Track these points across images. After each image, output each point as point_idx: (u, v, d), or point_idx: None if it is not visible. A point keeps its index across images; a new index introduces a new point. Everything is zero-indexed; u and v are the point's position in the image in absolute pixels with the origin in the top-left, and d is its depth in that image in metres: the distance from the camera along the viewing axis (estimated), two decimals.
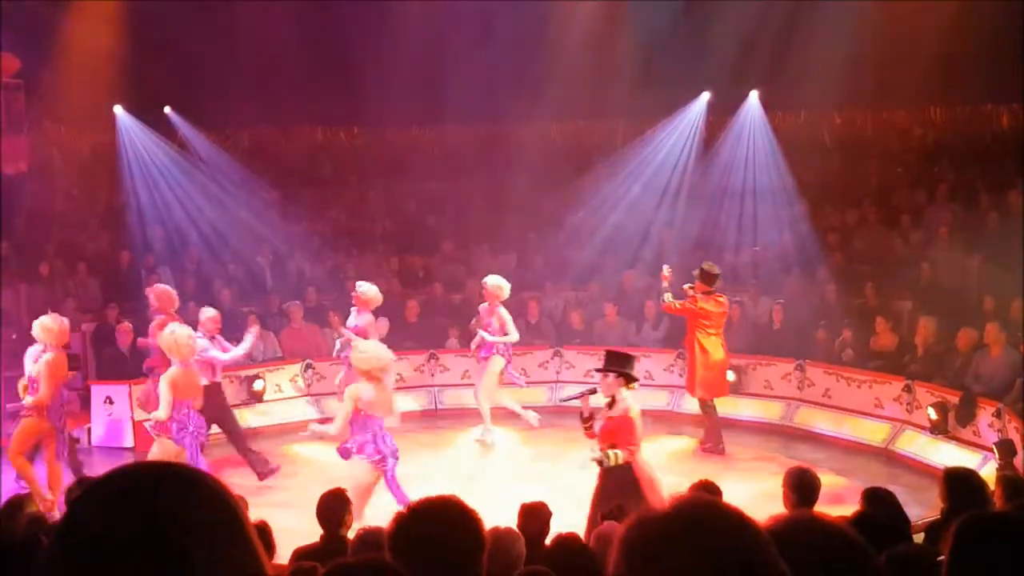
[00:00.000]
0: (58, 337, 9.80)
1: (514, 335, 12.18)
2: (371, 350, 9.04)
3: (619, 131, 17.98)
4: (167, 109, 17.18)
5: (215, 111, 16.86)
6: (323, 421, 10.54)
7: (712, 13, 15.79)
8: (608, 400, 8.25)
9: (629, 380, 8.16)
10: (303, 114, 18.04)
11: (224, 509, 1.47)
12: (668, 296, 12.22)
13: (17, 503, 6.16)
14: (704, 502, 1.57)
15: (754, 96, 16.74)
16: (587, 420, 8.33)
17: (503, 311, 12.13)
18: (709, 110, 17.02)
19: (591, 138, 18.00)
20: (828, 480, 8.54)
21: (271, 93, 16.57)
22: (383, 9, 15.90)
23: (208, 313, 11.40)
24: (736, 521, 1.53)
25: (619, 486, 7.76)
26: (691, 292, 12.13)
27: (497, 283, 12.04)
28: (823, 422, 12.80)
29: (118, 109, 16.67)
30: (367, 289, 12.23)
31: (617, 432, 8.02)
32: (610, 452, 7.97)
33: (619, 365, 8.21)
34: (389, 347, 14.29)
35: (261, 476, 10.96)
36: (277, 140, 18.84)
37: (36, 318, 11.05)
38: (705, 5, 15.94)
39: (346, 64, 16.48)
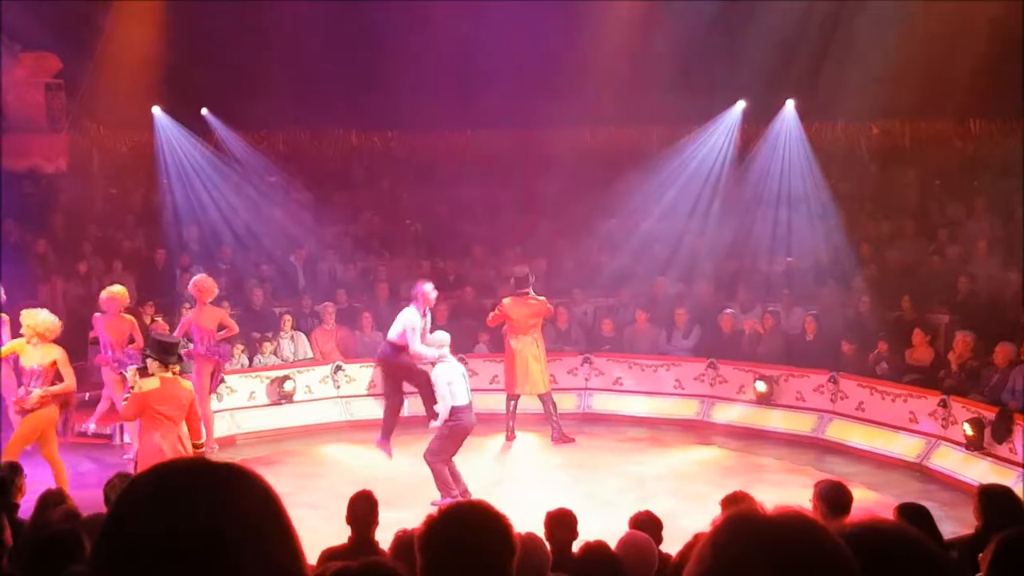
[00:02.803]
0: (54, 332, 9.91)
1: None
2: None
3: (653, 137, 17.92)
4: (204, 111, 17.33)
5: (251, 113, 16.99)
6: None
7: (749, 20, 15.71)
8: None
9: (166, 364, 8.62)
10: (337, 117, 18.13)
11: (268, 506, 1.48)
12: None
13: (51, 498, 6.22)
14: (802, 519, 1.55)
15: (790, 105, 16.64)
16: None
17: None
18: (744, 118, 16.93)
19: (624, 144, 17.94)
20: (860, 495, 8.45)
21: (306, 96, 16.67)
22: (417, 13, 15.95)
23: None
24: (831, 544, 1.52)
25: None
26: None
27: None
28: (856, 436, 12.66)
29: (156, 110, 16.84)
30: (202, 280, 12.18)
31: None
32: None
33: (161, 352, 8.70)
34: None
35: None
36: (311, 143, 18.94)
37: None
38: (741, 11, 15.84)
39: (381, 68, 16.55)
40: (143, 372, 8.88)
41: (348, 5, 16.39)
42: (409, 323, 11.12)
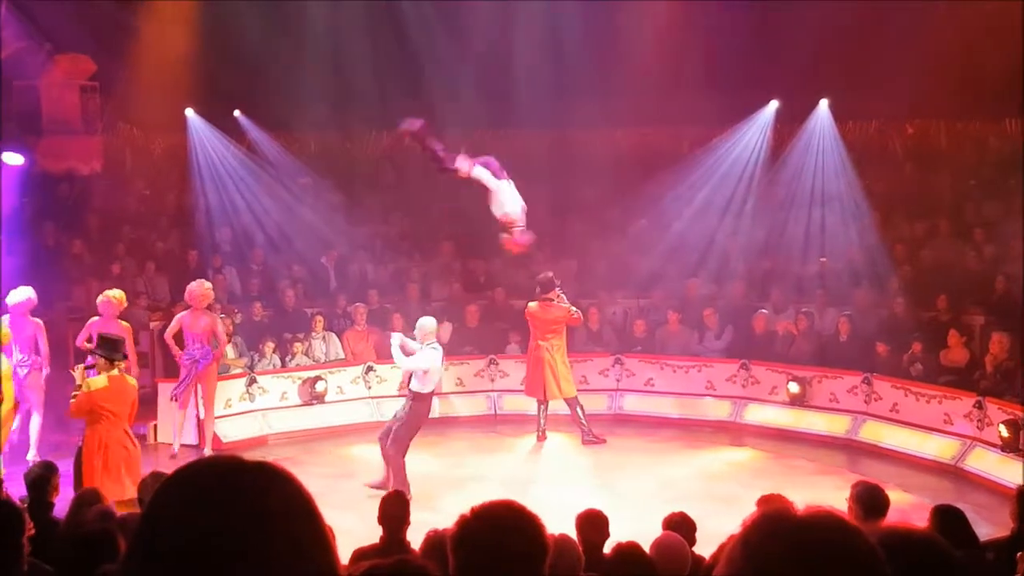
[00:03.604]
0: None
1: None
2: None
3: (685, 138, 17.83)
4: (237, 112, 17.45)
5: (283, 115, 17.07)
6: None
7: (782, 19, 15.58)
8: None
9: (112, 361, 9.05)
10: (369, 119, 18.17)
11: (302, 506, 1.48)
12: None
13: (87, 497, 6.28)
14: (835, 519, 1.54)
15: (824, 105, 16.51)
16: None
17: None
18: (777, 118, 16.82)
19: (657, 144, 17.86)
20: (895, 497, 8.33)
21: (339, 98, 16.71)
22: (451, 14, 15.97)
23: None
24: (863, 545, 1.51)
25: None
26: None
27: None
28: (890, 437, 12.54)
29: (189, 112, 16.96)
30: (195, 287, 12.22)
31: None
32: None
33: (110, 351, 9.12)
34: (449, 351, 14.45)
35: None
36: (343, 144, 19.00)
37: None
38: (775, 11, 15.73)
39: (413, 69, 16.57)
40: (90, 369, 9.15)
41: (382, 7, 16.44)
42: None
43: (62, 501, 6.74)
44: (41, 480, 6.61)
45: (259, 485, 1.47)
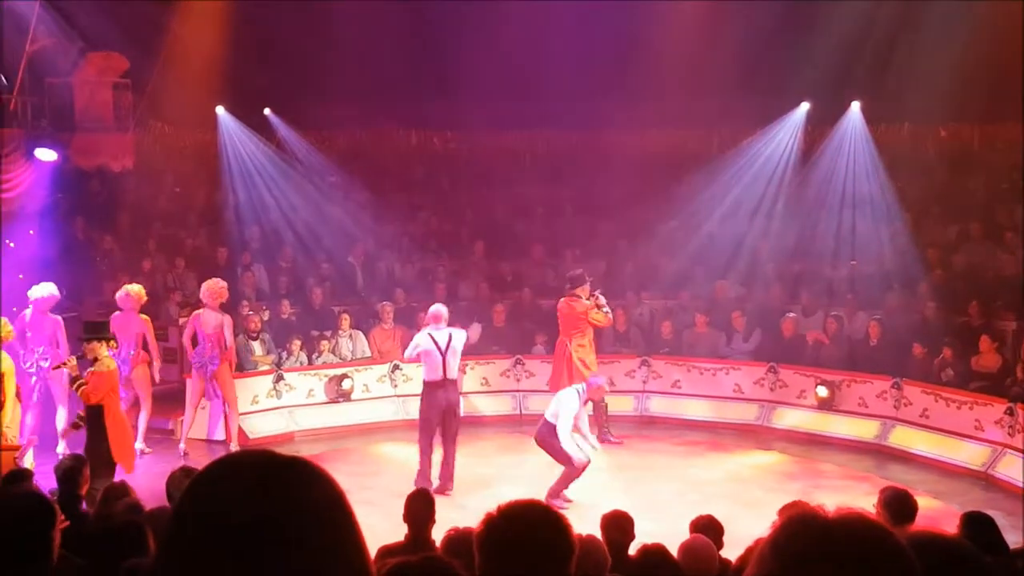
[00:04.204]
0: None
1: None
2: None
3: (715, 139, 17.75)
4: (267, 111, 17.54)
5: (313, 114, 17.14)
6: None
7: (814, 20, 15.48)
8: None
9: (108, 340, 9.44)
10: (398, 117, 18.22)
11: (335, 502, 1.48)
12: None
13: (115, 491, 6.32)
14: (865, 521, 1.53)
15: (855, 107, 16.39)
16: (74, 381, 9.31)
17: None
18: (808, 120, 16.71)
19: (687, 145, 17.79)
20: (924, 503, 8.26)
21: (367, 97, 16.77)
22: (480, 13, 15.96)
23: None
24: (894, 547, 1.50)
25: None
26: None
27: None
28: (920, 443, 12.42)
29: (220, 110, 17.07)
30: (211, 284, 12.29)
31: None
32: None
33: (98, 332, 9.44)
34: (477, 351, 14.46)
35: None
36: (372, 143, 19.06)
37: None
38: (806, 12, 15.62)
39: (442, 68, 16.59)
40: (81, 359, 9.27)
41: (410, 5, 16.47)
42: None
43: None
44: (71, 472, 6.67)
45: (295, 480, 1.46)
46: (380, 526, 7.26)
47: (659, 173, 16.61)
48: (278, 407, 13.38)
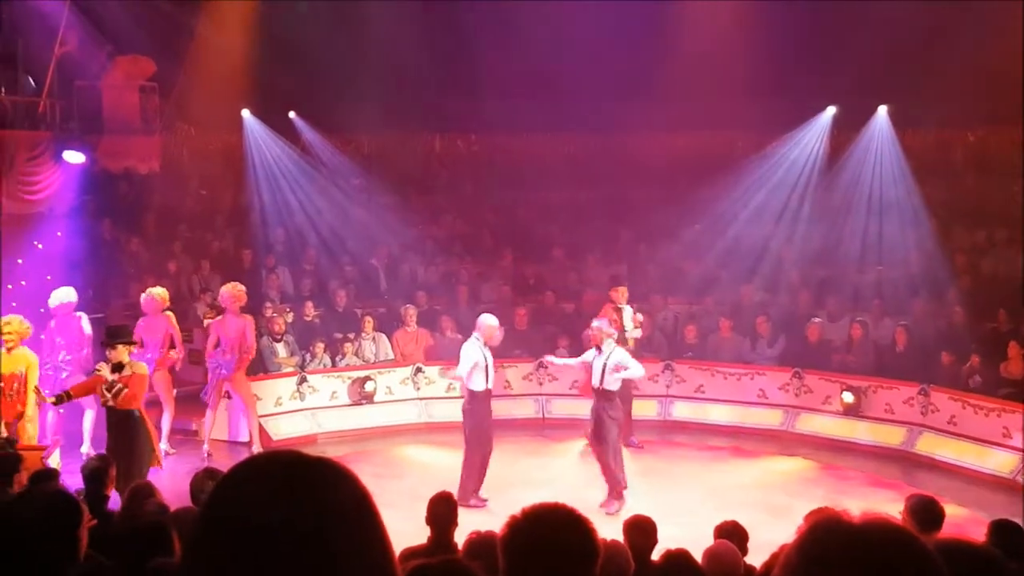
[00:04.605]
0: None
1: None
2: None
3: (740, 143, 17.68)
4: (292, 114, 17.63)
5: (337, 117, 17.21)
6: None
7: (840, 24, 15.38)
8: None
9: (131, 344, 9.52)
10: (422, 121, 18.27)
11: (362, 503, 1.48)
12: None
13: (141, 491, 6.35)
14: (892, 527, 1.52)
15: (882, 111, 16.27)
16: None
17: None
18: (834, 124, 16.61)
19: (711, 149, 17.73)
20: (951, 511, 8.16)
21: (392, 100, 16.82)
22: (504, 16, 15.98)
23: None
24: (922, 553, 1.48)
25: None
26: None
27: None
28: (947, 450, 12.29)
29: (245, 113, 17.16)
30: (231, 288, 12.27)
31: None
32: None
33: (120, 336, 9.46)
34: (499, 354, 14.43)
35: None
36: (395, 146, 19.12)
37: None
38: (833, 15, 15.52)
39: (466, 71, 16.62)
40: (109, 364, 9.26)
41: (434, 10, 16.50)
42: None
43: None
44: (98, 472, 6.70)
45: (322, 480, 1.47)
46: (402, 528, 7.23)
47: (684, 176, 16.56)
48: (301, 409, 13.42)
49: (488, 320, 10.72)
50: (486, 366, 10.53)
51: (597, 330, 10.69)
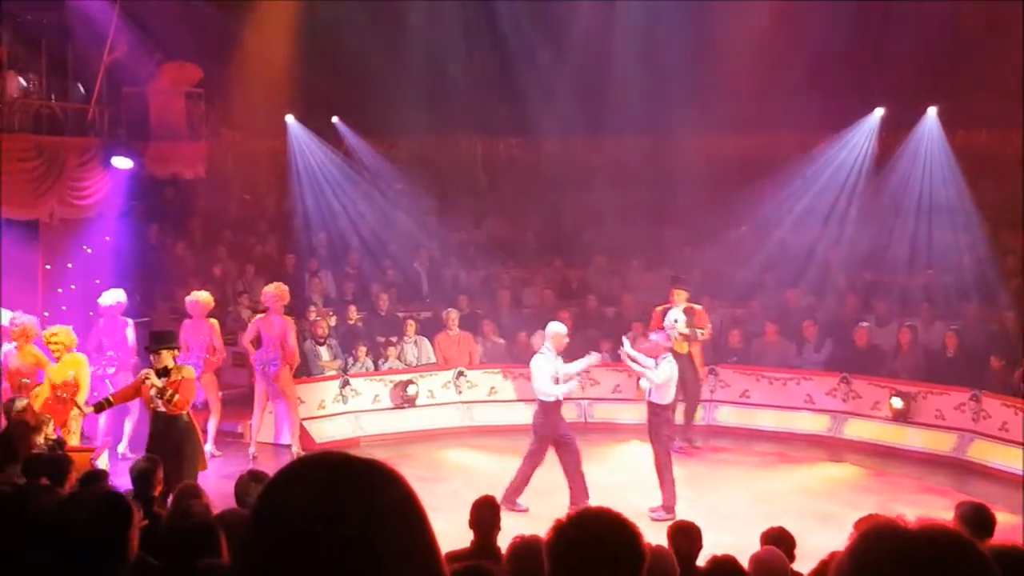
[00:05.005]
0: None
1: None
2: None
3: (786, 145, 17.50)
4: (335, 119, 17.74)
5: (379, 121, 17.29)
6: None
7: (888, 23, 15.18)
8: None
9: (175, 348, 9.50)
10: (464, 125, 18.30)
11: (411, 506, 1.49)
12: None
13: (188, 492, 6.39)
14: (948, 532, 1.48)
15: (932, 112, 16.03)
16: None
17: None
18: (882, 126, 16.39)
19: (756, 151, 17.56)
20: (1002, 518, 8.00)
21: (434, 104, 16.87)
22: (547, 20, 15.97)
23: None
24: (978, 559, 1.45)
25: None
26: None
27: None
28: (999, 457, 12.06)
29: (289, 118, 17.30)
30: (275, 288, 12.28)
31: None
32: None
33: (165, 341, 9.44)
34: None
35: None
36: (437, 150, 19.17)
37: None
38: (883, 13, 15.32)
39: (508, 76, 16.64)
40: (154, 369, 9.26)
41: (479, 13, 16.53)
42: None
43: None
44: (146, 474, 6.76)
45: (370, 482, 1.48)
46: (445, 532, 7.22)
47: (728, 178, 16.42)
48: (344, 412, 13.48)
49: (557, 328, 10.55)
50: (558, 376, 10.44)
51: (655, 343, 10.62)
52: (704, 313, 12.88)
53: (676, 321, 12.18)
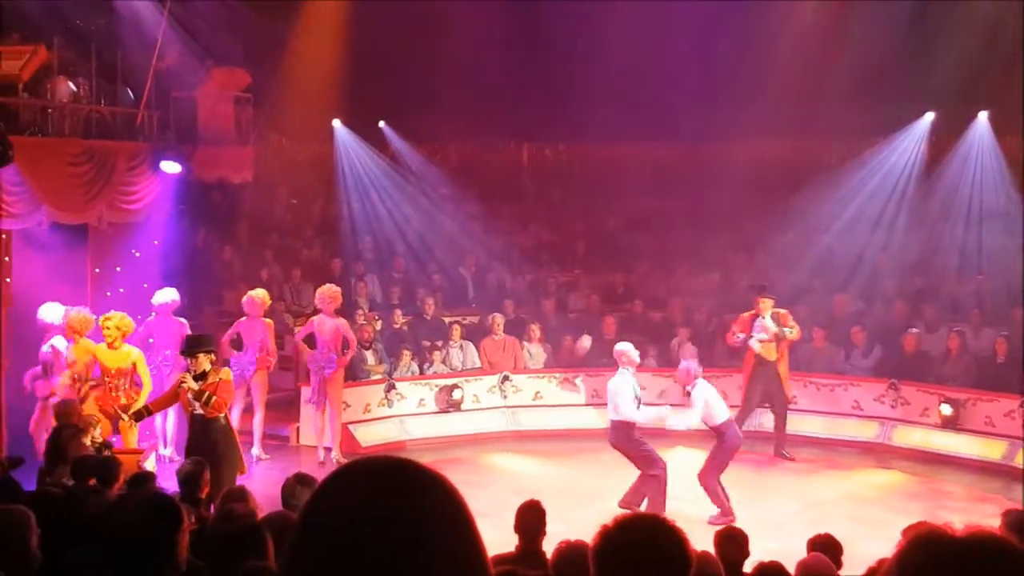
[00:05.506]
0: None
1: None
2: None
3: (834, 150, 17.31)
4: (381, 124, 17.84)
5: (425, 126, 17.36)
6: None
7: (938, 27, 14.95)
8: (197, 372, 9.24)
9: (211, 352, 9.44)
10: (510, 130, 18.32)
11: (457, 509, 1.50)
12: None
13: (235, 494, 6.44)
14: (995, 539, 1.47)
15: (983, 117, 15.77)
16: None
17: None
18: (932, 131, 16.16)
19: (803, 156, 17.39)
20: None
21: (480, 110, 16.90)
22: (592, 25, 15.93)
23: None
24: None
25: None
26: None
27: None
28: None
29: (336, 123, 17.42)
30: (327, 290, 12.39)
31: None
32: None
33: (201, 345, 9.41)
34: (586, 363, 14.38)
35: None
36: (483, 155, 19.21)
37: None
38: (930, 18, 15.10)
39: (554, 80, 16.61)
40: (191, 373, 9.31)
41: (523, 20, 16.53)
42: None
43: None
44: (193, 476, 6.83)
45: (419, 486, 1.49)
46: (490, 536, 7.22)
47: (775, 184, 16.26)
48: (389, 416, 13.54)
49: (628, 348, 10.54)
50: (638, 397, 10.39)
51: (684, 371, 10.57)
52: (789, 315, 12.81)
53: (766, 323, 12.37)
